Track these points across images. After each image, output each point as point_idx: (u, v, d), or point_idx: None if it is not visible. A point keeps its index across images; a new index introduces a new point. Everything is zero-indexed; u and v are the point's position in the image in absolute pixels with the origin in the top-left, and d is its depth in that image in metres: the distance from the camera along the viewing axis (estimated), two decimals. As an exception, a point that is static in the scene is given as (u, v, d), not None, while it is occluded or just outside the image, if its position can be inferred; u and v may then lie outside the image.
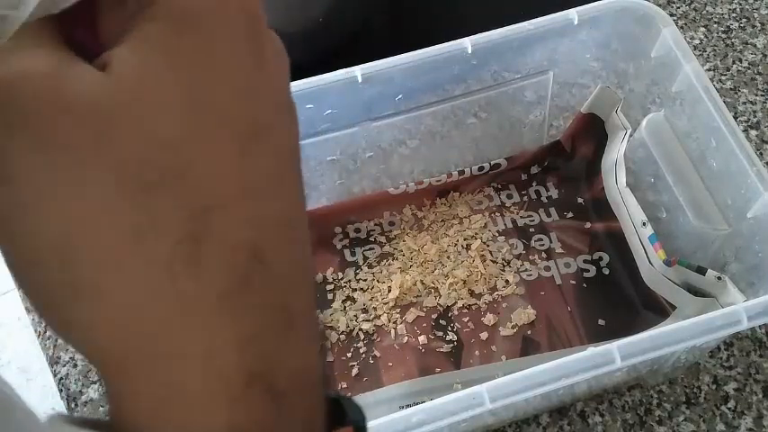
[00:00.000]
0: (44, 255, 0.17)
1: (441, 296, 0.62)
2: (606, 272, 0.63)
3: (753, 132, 0.70)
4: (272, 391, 0.19)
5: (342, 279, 0.63)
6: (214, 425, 0.18)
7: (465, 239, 0.65)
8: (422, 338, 0.60)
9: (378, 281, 0.63)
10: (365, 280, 0.63)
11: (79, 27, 0.19)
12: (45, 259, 0.17)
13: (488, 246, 0.65)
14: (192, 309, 0.18)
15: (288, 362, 0.19)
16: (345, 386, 0.58)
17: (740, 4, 0.77)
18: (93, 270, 0.17)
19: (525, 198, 0.67)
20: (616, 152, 0.63)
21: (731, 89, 0.72)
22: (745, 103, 0.72)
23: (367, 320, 0.61)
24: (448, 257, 0.64)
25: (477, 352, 0.60)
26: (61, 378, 0.61)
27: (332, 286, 0.62)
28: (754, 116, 0.71)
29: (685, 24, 0.76)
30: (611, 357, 0.44)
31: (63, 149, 0.17)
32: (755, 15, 0.76)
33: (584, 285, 0.62)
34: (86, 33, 0.19)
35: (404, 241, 0.65)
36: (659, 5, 0.72)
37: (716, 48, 0.75)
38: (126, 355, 0.18)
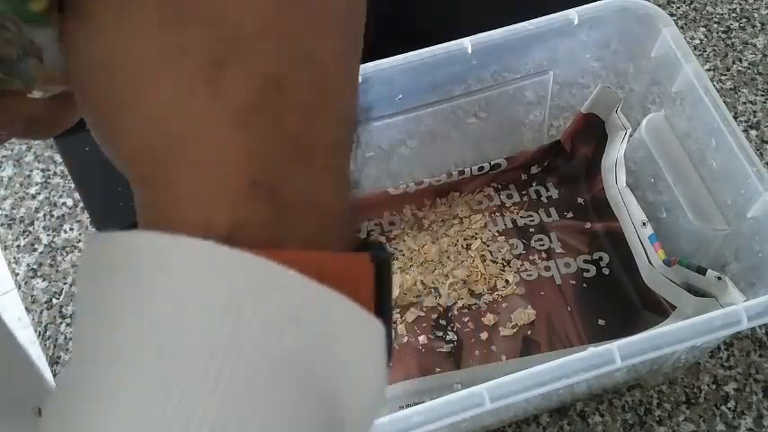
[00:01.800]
0: (96, 75, 0.21)
1: (441, 296, 0.62)
2: (606, 272, 0.63)
3: (753, 132, 0.70)
4: (275, 200, 0.20)
5: (342, 279, 0.63)
6: (219, 221, 0.20)
7: (465, 239, 0.65)
8: (422, 338, 0.60)
9: (378, 281, 0.63)
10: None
11: None
12: (96, 79, 0.21)
13: (488, 246, 0.65)
14: (207, 123, 0.20)
15: (297, 182, 0.21)
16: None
17: (740, 4, 0.77)
18: (130, 85, 0.20)
19: (525, 198, 0.67)
20: (616, 152, 0.63)
21: (731, 89, 0.72)
22: (745, 103, 0.72)
23: (367, 320, 0.61)
24: (448, 257, 0.64)
25: (477, 352, 0.60)
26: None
27: (332, 286, 0.62)
28: (754, 116, 0.71)
29: (685, 24, 0.76)
30: (611, 357, 0.44)
31: None
32: (755, 15, 0.76)
33: (584, 285, 0.62)
34: None
35: (404, 241, 0.65)
36: (659, 5, 0.72)
37: (716, 48, 0.75)
38: (150, 159, 0.20)
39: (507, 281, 0.63)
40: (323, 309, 0.20)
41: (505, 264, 0.64)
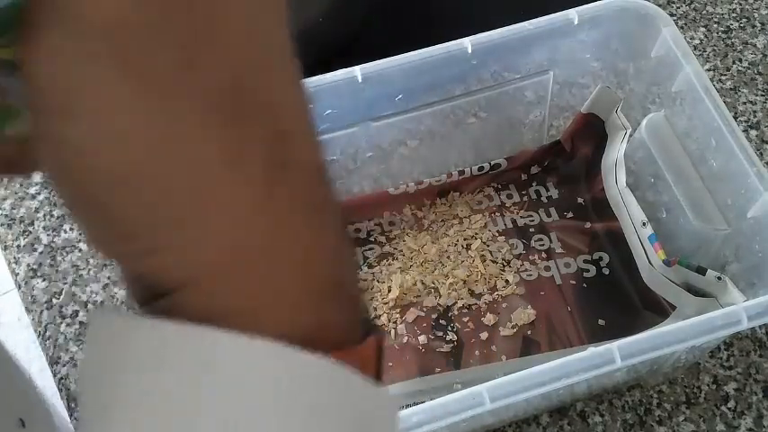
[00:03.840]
0: (138, 183, 0.18)
1: (441, 296, 0.62)
2: (606, 272, 0.63)
3: (753, 132, 0.70)
4: (348, 297, 0.21)
5: (342, 279, 0.63)
6: (307, 322, 0.20)
7: (465, 239, 0.65)
8: (422, 338, 0.60)
9: (378, 281, 0.63)
10: (365, 280, 0.63)
11: None
12: (138, 188, 0.18)
13: (488, 246, 0.64)
14: (287, 224, 0.19)
15: (353, 271, 0.22)
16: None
17: (740, 4, 0.77)
18: (193, 194, 0.18)
19: (525, 198, 0.67)
20: (616, 152, 0.63)
21: (731, 89, 0.72)
22: (745, 103, 0.72)
23: (367, 320, 0.61)
24: (448, 257, 0.64)
25: (477, 352, 0.60)
26: (61, 378, 0.61)
27: (332, 286, 0.62)
28: (754, 116, 0.71)
29: (685, 24, 0.76)
30: (611, 357, 0.44)
31: (147, 78, 0.17)
32: (755, 15, 0.76)
33: (584, 285, 0.62)
34: None
35: (404, 241, 0.65)
36: (659, 5, 0.72)
37: (716, 48, 0.75)
38: (223, 271, 0.19)
39: (507, 281, 0.63)
40: (374, 404, 0.21)
41: (505, 264, 0.64)
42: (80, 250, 0.66)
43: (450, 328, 0.61)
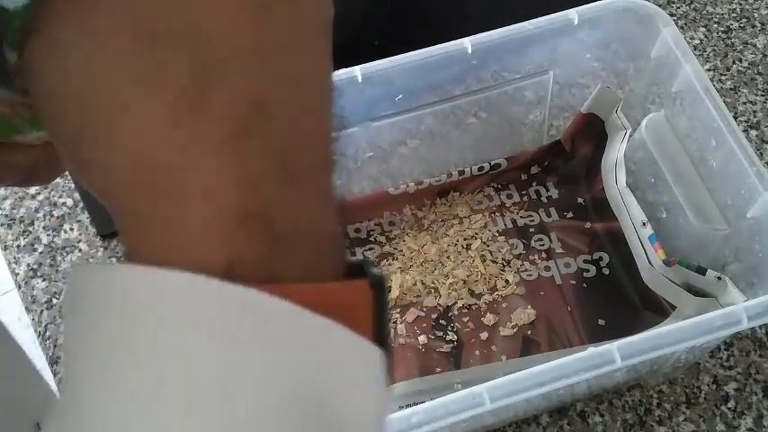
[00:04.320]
0: (66, 104, 0.19)
1: (441, 296, 0.62)
2: (606, 272, 0.63)
3: (753, 132, 0.70)
4: (269, 231, 0.20)
5: (342, 279, 0.63)
6: (212, 258, 0.19)
7: (465, 239, 0.65)
8: (422, 338, 0.60)
9: (378, 281, 0.63)
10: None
11: None
12: (68, 103, 0.19)
13: (488, 246, 0.64)
14: (192, 151, 0.19)
15: (289, 209, 0.20)
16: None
17: (740, 4, 0.77)
18: (107, 113, 0.19)
19: (525, 198, 0.67)
20: (616, 152, 0.63)
21: (731, 89, 0.72)
22: (745, 103, 0.72)
23: (367, 320, 0.61)
24: (448, 257, 0.64)
25: (477, 352, 0.60)
26: (61, 378, 0.61)
27: (332, 286, 0.62)
28: (754, 116, 0.71)
29: (685, 24, 0.76)
30: (611, 357, 0.44)
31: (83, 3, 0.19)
32: (755, 15, 0.76)
33: (584, 285, 0.62)
34: None
35: (404, 241, 0.65)
36: (659, 5, 0.72)
37: (716, 48, 0.75)
38: (133, 192, 0.19)
39: (507, 281, 0.63)
40: (321, 340, 0.20)
41: (505, 264, 0.64)
42: (80, 250, 0.66)
43: (450, 328, 0.61)
